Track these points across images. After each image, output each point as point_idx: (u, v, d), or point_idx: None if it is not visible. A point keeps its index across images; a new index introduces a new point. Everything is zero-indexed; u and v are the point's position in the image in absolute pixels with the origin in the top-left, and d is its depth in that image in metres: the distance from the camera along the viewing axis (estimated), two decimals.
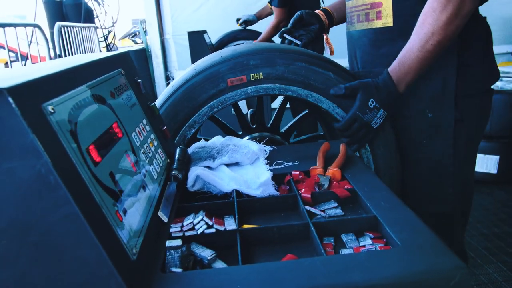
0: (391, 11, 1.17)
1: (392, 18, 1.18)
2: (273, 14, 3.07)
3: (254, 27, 3.76)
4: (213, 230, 0.73)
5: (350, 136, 1.14)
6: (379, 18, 1.21)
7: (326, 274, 0.58)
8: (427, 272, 0.58)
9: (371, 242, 0.70)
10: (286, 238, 0.74)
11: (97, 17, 4.95)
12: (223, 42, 3.53)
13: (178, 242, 0.67)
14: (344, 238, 0.73)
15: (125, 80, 0.90)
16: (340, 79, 1.16)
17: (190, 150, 1.04)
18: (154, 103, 1.01)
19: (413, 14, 1.12)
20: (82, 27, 4.09)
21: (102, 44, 5.13)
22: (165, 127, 1.02)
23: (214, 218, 0.76)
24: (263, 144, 1.14)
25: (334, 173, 0.92)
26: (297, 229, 0.74)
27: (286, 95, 1.18)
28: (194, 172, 0.90)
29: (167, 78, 4.75)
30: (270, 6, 3.50)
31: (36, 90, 0.53)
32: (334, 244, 0.72)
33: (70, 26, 3.74)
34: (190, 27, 3.55)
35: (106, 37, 5.17)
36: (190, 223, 0.74)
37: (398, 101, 1.12)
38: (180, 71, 4.56)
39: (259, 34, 3.22)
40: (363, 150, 1.19)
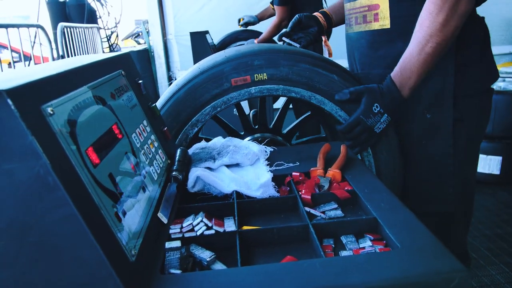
0: (388, 13, 1.18)
1: (389, 20, 1.18)
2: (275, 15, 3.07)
3: (256, 28, 3.76)
4: (212, 232, 0.73)
5: (352, 139, 1.14)
6: (377, 20, 1.21)
7: (325, 276, 0.58)
8: (426, 274, 0.58)
9: (371, 244, 0.70)
10: (285, 240, 0.74)
11: (100, 17, 4.95)
12: (225, 43, 3.54)
13: (177, 244, 0.67)
14: (343, 240, 0.73)
15: (126, 81, 0.90)
16: (344, 82, 1.16)
17: (191, 151, 1.04)
18: (155, 104, 1.01)
19: (410, 15, 1.12)
20: (85, 28, 4.09)
21: (105, 44, 5.14)
22: (165, 128, 1.02)
23: (214, 220, 0.76)
24: (264, 145, 1.14)
25: (335, 174, 0.92)
26: (296, 230, 0.74)
27: (290, 96, 1.18)
28: (194, 173, 0.90)
29: (170, 79, 4.76)
30: (272, 7, 3.50)
31: (35, 91, 0.53)
32: (333, 246, 0.72)
33: (73, 27, 3.75)
34: (193, 28, 3.55)
35: (109, 37, 5.18)
36: (190, 225, 0.74)
37: (403, 106, 1.12)
38: (182, 72, 4.57)
39: (261, 35, 3.22)
40: (365, 154, 1.19)
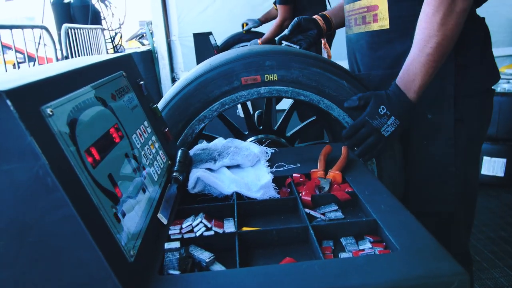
0: (387, 14, 1.18)
1: (388, 21, 1.18)
2: None
3: (259, 29, 3.76)
4: (211, 233, 0.73)
5: (357, 143, 1.12)
6: (376, 20, 1.21)
7: (323, 277, 0.58)
8: (426, 277, 0.58)
9: (371, 246, 0.70)
10: (285, 241, 0.74)
11: (104, 18, 4.98)
12: (229, 44, 3.54)
13: (176, 244, 0.67)
14: (343, 241, 0.73)
15: (127, 82, 0.90)
16: (353, 88, 1.16)
17: (192, 152, 1.04)
18: (156, 105, 1.01)
19: (409, 16, 1.12)
20: (89, 29, 4.12)
21: (110, 45, 5.17)
22: (167, 129, 1.03)
23: (213, 221, 0.76)
24: (267, 146, 1.14)
25: (335, 176, 0.92)
26: (296, 232, 0.74)
27: (298, 99, 1.18)
28: (195, 174, 0.90)
29: (173, 80, 4.77)
30: (275, 7, 3.50)
31: (35, 92, 0.53)
32: (333, 247, 0.72)
33: (77, 28, 3.77)
34: (196, 29, 3.56)
35: (113, 38, 5.20)
36: (189, 225, 0.74)
37: (411, 110, 1.11)
38: (186, 73, 4.57)
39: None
40: (369, 162, 1.19)
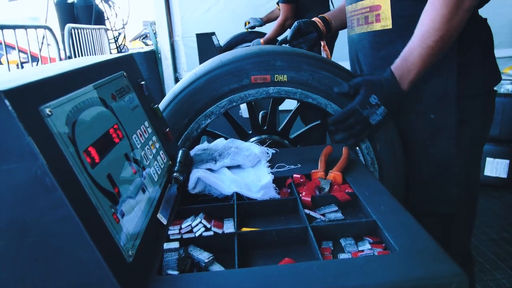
0: (390, 14, 1.17)
1: (391, 20, 1.18)
2: None
3: (262, 29, 3.76)
4: (211, 233, 0.73)
5: (345, 130, 1.13)
6: (378, 20, 1.21)
7: (321, 278, 0.58)
8: (424, 278, 0.57)
9: (370, 247, 0.70)
10: (284, 242, 0.74)
11: (107, 19, 4.99)
12: (231, 44, 3.54)
13: (175, 245, 0.67)
14: (343, 242, 0.73)
15: (127, 82, 0.90)
16: None
17: (192, 152, 1.04)
18: (157, 105, 1.02)
19: (412, 15, 1.11)
20: (93, 29, 4.13)
21: (113, 45, 5.18)
22: (168, 129, 1.03)
23: (213, 221, 0.76)
24: (269, 147, 1.14)
25: (335, 176, 0.92)
26: (295, 232, 0.74)
27: (306, 102, 1.18)
28: (195, 174, 0.90)
29: (176, 80, 4.78)
30: (278, 7, 3.50)
31: (33, 92, 0.53)
32: (332, 248, 0.72)
33: (80, 28, 3.78)
34: (200, 29, 3.56)
35: (116, 39, 5.21)
36: (188, 226, 0.74)
37: (401, 99, 1.12)
38: (189, 73, 4.58)
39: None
40: (372, 169, 1.19)
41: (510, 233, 2.59)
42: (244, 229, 0.77)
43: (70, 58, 3.47)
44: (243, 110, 2.93)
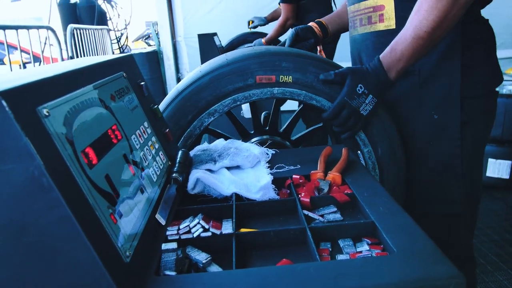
0: (394, 14, 1.17)
1: (394, 20, 1.17)
2: None
3: (264, 29, 3.76)
4: (209, 234, 0.73)
5: (340, 125, 1.13)
6: (382, 21, 1.20)
7: (319, 279, 0.58)
8: (421, 280, 0.57)
9: (368, 248, 0.70)
10: (283, 243, 0.74)
11: (110, 19, 5.00)
12: (234, 45, 3.54)
13: (173, 245, 0.67)
14: (341, 243, 0.73)
15: (127, 83, 0.90)
16: None
17: (192, 153, 1.04)
18: (157, 106, 1.02)
19: None
20: (95, 29, 4.14)
21: (115, 46, 5.19)
22: (167, 130, 1.03)
23: (212, 222, 0.76)
24: (269, 148, 1.14)
25: (335, 177, 0.92)
26: (293, 233, 0.74)
27: (310, 104, 1.18)
28: (194, 175, 0.90)
29: (178, 80, 4.78)
30: (280, 7, 3.49)
31: (31, 93, 0.53)
32: (330, 249, 0.72)
33: (83, 29, 3.79)
34: (202, 30, 3.56)
35: (119, 39, 5.23)
36: (187, 226, 0.74)
37: (389, 88, 1.12)
38: (194, 71, 4.59)
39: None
40: (372, 173, 1.19)
41: None
42: (242, 230, 0.77)
43: (72, 58, 3.48)
44: (245, 111, 2.93)
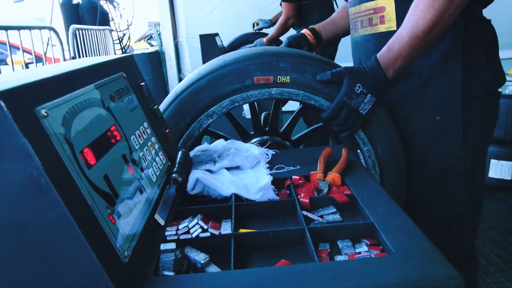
0: (394, 15, 1.17)
1: (395, 22, 1.17)
2: None
3: (267, 30, 3.76)
4: (207, 234, 0.73)
5: (339, 124, 1.13)
6: (383, 22, 1.20)
7: (317, 280, 0.58)
8: (420, 281, 0.57)
9: (367, 249, 0.70)
10: (281, 243, 0.74)
11: (112, 19, 5.01)
12: (235, 45, 3.54)
13: (172, 246, 0.67)
14: (340, 244, 0.73)
15: (127, 83, 0.91)
16: None
17: (192, 153, 1.04)
18: (157, 106, 1.02)
19: None
20: (97, 30, 4.15)
21: (118, 46, 5.20)
22: (167, 130, 1.03)
23: (211, 222, 0.76)
24: (269, 148, 1.14)
25: (334, 178, 0.91)
26: (292, 234, 0.74)
27: (309, 103, 1.18)
28: (194, 175, 0.91)
29: (180, 80, 4.78)
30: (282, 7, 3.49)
31: (29, 93, 0.54)
32: (329, 250, 0.71)
33: (85, 29, 3.80)
34: (204, 30, 3.56)
35: (121, 39, 5.24)
36: (185, 227, 0.74)
37: (387, 87, 1.12)
38: (192, 72, 4.59)
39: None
40: (372, 172, 1.19)
41: None
42: (241, 230, 0.77)
43: (74, 59, 3.49)
44: (246, 111, 2.92)
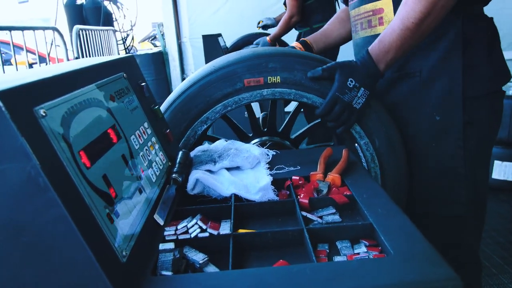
0: (393, 16, 1.16)
1: None
2: None
3: (270, 30, 3.76)
4: (206, 234, 0.73)
5: (334, 120, 1.13)
6: (381, 24, 1.20)
7: (315, 280, 0.58)
8: (418, 282, 0.57)
9: (366, 250, 0.70)
10: (280, 244, 0.74)
11: (116, 20, 5.03)
12: (238, 46, 3.55)
13: (171, 245, 0.67)
14: (339, 245, 0.73)
15: (127, 83, 0.91)
16: None
17: (193, 153, 1.04)
18: (157, 106, 1.02)
19: None
20: (101, 30, 4.16)
21: (121, 47, 5.22)
22: (168, 130, 1.03)
23: (210, 222, 0.76)
24: (270, 148, 1.14)
25: (334, 178, 0.91)
26: (291, 235, 0.74)
27: (302, 102, 1.18)
28: (194, 175, 0.91)
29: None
30: (285, 8, 3.49)
31: (28, 93, 0.54)
32: (328, 251, 0.71)
33: (89, 29, 3.82)
34: (207, 31, 3.57)
35: (124, 40, 5.26)
36: (184, 227, 0.74)
37: (379, 80, 1.11)
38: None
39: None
40: (372, 165, 1.18)
41: None
42: (240, 230, 0.77)
43: (77, 59, 3.50)
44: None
